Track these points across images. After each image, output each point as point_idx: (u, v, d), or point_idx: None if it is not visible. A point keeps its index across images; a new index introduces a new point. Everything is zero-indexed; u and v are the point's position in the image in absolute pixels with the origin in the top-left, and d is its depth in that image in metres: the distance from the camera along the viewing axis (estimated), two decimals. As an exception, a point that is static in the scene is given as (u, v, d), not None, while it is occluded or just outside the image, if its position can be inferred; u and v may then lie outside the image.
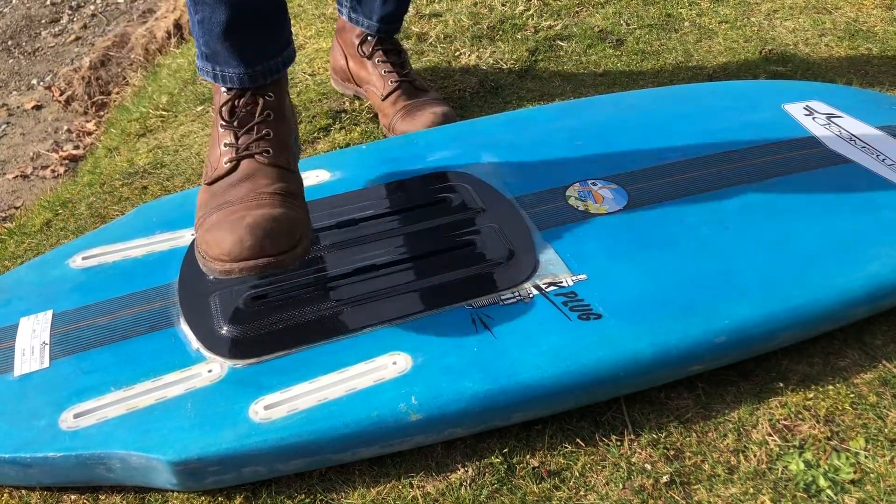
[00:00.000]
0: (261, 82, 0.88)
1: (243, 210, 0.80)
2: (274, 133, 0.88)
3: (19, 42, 2.08)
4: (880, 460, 0.80)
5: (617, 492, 0.79)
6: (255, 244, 0.77)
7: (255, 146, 0.86)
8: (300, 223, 0.83)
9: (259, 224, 0.78)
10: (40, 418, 0.79)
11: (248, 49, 0.86)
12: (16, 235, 1.20)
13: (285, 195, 0.84)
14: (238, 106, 0.88)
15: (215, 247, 0.79)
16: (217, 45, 0.86)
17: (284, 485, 0.80)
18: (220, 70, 0.88)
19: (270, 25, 0.89)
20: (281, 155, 0.87)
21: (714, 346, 0.85)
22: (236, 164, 0.86)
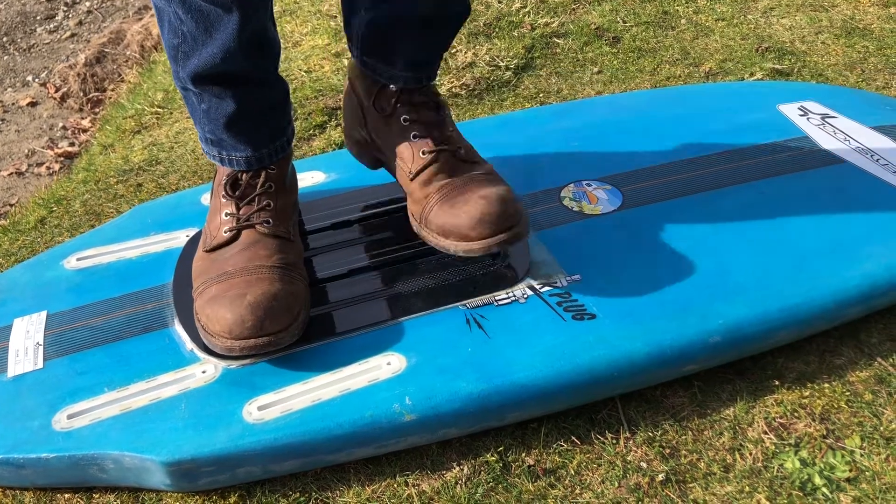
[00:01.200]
0: (266, 163, 0.88)
1: (243, 285, 0.80)
2: (275, 203, 0.88)
3: (14, 38, 2.07)
4: (876, 458, 0.80)
5: (612, 490, 0.79)
6: (255, 324, 0.78)
7: (255, 217, 0.86)
8: (298, 297, 0.83)
9: (260, 303, 0.78)
10: (34, 419, 0.79)
11: (253, 135, 0.86)
12: (10, 233, 1.20)
13: (284, 267, 0.84)
14: (241, 180, 0.88)
15: (216, 323, 0.79)
16: (222, 133, 0.85)
17: (279, 484, 0.80)
18: (226, 154, 0.87)
19: (275, 112, 0.88)
20: (281, 225, 0.87)
21: (708, 345, 0.85)
22: (237, 234, 0.86)
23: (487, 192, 0.84)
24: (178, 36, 0.80)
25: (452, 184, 0.87)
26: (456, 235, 0.84)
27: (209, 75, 0.81)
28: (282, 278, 0.82)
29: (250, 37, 0.79)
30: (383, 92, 0.92)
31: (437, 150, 0.89)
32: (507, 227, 0.83)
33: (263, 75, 0.85)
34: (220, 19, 0.77)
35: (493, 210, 0.83)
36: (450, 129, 0.92)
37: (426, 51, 0.90)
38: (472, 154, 0.92)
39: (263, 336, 0.78)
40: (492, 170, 0.92)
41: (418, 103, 0.91)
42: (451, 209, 0.85)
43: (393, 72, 0.90)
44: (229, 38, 0.78)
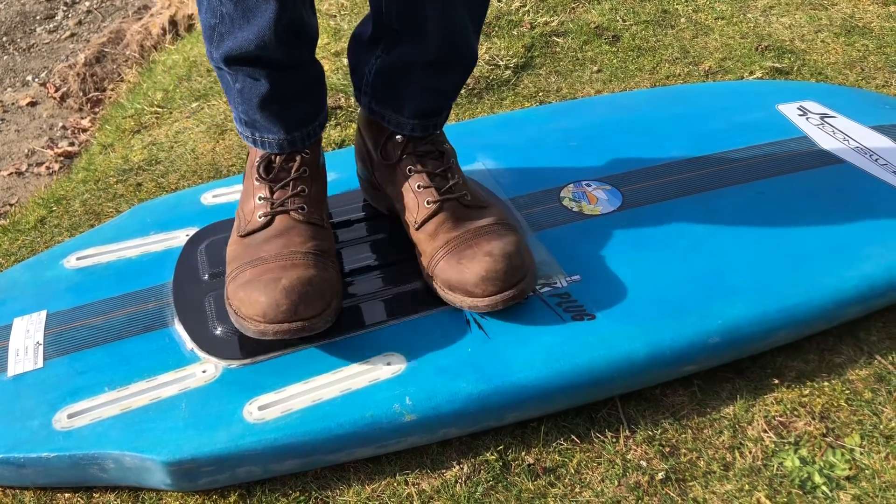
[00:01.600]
0: (299, 147, 0.88)
1: (278, 270, 0.81)
2: (309, 189, 0.88)
3: (14, 38, 2.07)
4: (875, 457, 0.81)
5: (612, 489, 0.79)
6: (290, 308, 0.78)
7: (290, 202, 0.87)
8: (332, 284, 0.83)
9: (294, 287, 0.79)
10: (34, 418, 0.79)
11: (287, 117, 0.86)
12: (10, 233, 1.20)
13: (318, 254, 0.84)
14: (275, 163, 0.88)
15: (249, 306, 0.79)
16: (256, 114, 0.85)
17: (279, 483, 0.80)
18: (259, 136, 0.87)
19: (309, 94, 0.88)
20: (315, 211, 0.88)
21: (708, 346, 0.85)
22: (271, 219, 0.86)
23: (492, 248, 0.85)
24: (215, 16, 0.79)
25: (459, 237, 0.87)
26: (461, 291, 0.85)
27: (242, 58, 0.81)
28: (316, 264, 0.82)
29: (286, 25, 0.78)
30: (390, 140, 0.93)
31: (441, 199, 0.89)
32: (512, 284, 0.84)
33: (298, 59, 0.84)
34: (258, 5, 0.77)
35: (498, 268, 0.83)
36: (455, 176, 0.92)
37: (433, 98, 0.91)
38: (479, 199, 0.92)
39: (297, 321, 0.78)
40: (501, 216, 0.91)
41: (423, 153, 0.92)
42: (457, 265, 0.85)
43: (400, 119, 0.91)
44: (265, 25, 0.77)
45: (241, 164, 1.30)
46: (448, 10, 0.83)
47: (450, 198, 0.90)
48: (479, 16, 0.88)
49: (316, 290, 0.80)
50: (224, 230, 0.99)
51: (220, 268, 0.94)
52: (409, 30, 0.86)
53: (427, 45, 0.86)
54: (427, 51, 0.86)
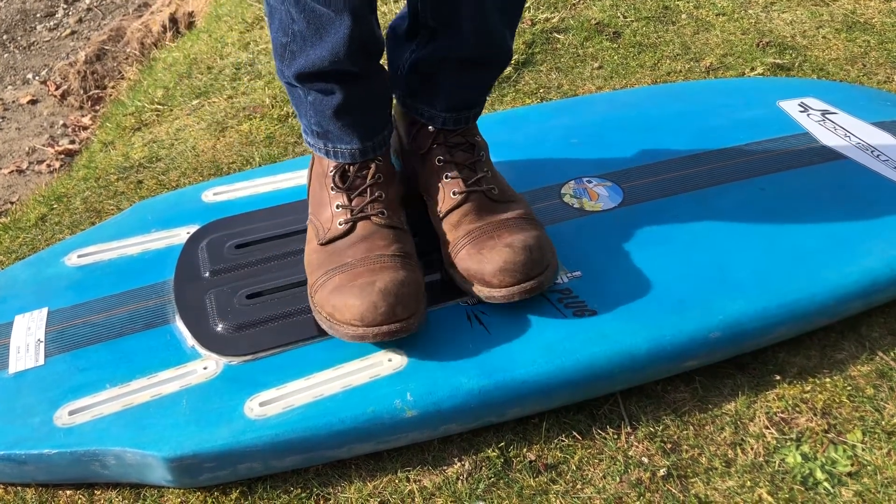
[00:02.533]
0: (371, 156, 0.88)
1: (368, 274, 0.81)
2: (386, 194, 0.88)
3: (14, 36, 2.07)
4: (877, 453, 0.80)
5: (614, 485, 0.79)
6: (388, 310, 0.78)
7: (369, 208, 0.87)
8: (420, 285, 0.83)
9: (390, 290, 0.79)
10: (35, 415, 0.79)
11: (361, 127, 0.86)
12: (10, 230, 1.20)
13: (404, 256, 0.84)
14: (350, 172, 0.88)
15: (346, 311, 0.79)
16: (329, 124, 0.86)
17: (280, 480, 0.80)
18: (332, 147, 0.88)
19: (380, 103, 0.89)
20: (395, 215, 0.88)
21: (709, 341, 0.85)
22: (353, 226, 0.86)
23: (513, 240, 0.85)
24: (287, 35, 0.80)
25: (481, 228, 0.88)
26: (480, 281, 0.85)
27: (315, 74, 0.81)
28: (404, 266, 0.83)
29: (358, 40, 0.79)
30: (422, 131, 0.94)
31: (467, 191, 0.90)
32: (531, 277, 0.84)
33: (368, 71, 0.85)
34: (331, 22, 0.77)
35: (517, 259, 0.83)
36: (484, 169, 0.92)
37: (466, 93, 0.91)
38: (506, 194, 0.92)
39: (396, 322, 0.78)
40: (526, 211, 0.91)
41: (453, 144, 0.92)
42: (477, 254, 0.86)
43: (433, 112, 0.92)
44: (339, 41, 0.78)
45: (242, 161, 1.30)
46: (483, 10, 0.83)
47: (476, 190, 0.90)
48: (513, 15, 0.88)
49: (410, 290, 0.80)
50: (225, 227, 0.99)
51: (221, 265, 0.94)
52: (444, 27, 0.86)
53: (462, 43, 0.86)
54: (462, 48, 0.87)
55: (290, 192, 1.07)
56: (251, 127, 1.38)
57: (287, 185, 1.09)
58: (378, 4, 0.83)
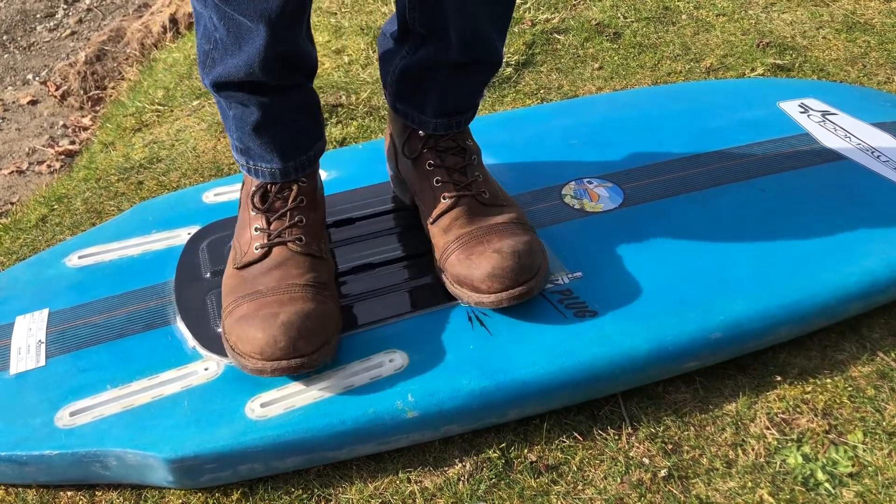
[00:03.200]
0: (293, 176, 0.86)
1: (276, 305, 0.79)
2: (306, 219, 0.86)
3: (14, 37, 2.07)
4: (878, 453, 0.80)
5: (615, 486, 0.79)
6: (288, 344, 0.76)
7: (287, 233, 0.85)
8: (332, 317, 0.81)
9: (293, 323, 0.77)
10: (36, 416, 0.79)
11: (281, 145, 0.84)
12: (11, 231, 1.20)
13: (317, 286, 0.82)
14: (270, 192, 0.86)
15: (247, 343, 0.77)
16: (249, 141, 0.84)
17: (282, 481, 0.80)
18: (253, 164, 0.86)
19: (304, 122, 0.87)
20: (313, 242, 0.86)
21: (709, 342, 0.85)
22: (268, 251, 0.84)
23: (502, 246, 0.84)
24: (210, 42, 0.79)
25: (471, 233, 0.87)
26: (468, 287, 0.85)
27: (231, 83, 0.80)
28: (315, 297, 0.81)
29: (276, 55, 0.77)
30: (413, 135, 0.93)
31: (457, 195, 0.89)
32: (520, 283, 0.83)
33: (289, 86, 0.83)
34: (249, 32, 0.76)
35: (505, 265, 0.82)
36: (475, 173, 0.91)
37: (457, 98, 0.90)
38: (498, 198, 0.91)
39: (296, 357, 0.76)
40: (518, 215, 0.90)
41: (444, 148, 0.91)
42: (466, 259, 0.85)
43: (423, 118, 0.91)
44: (255, 52, 0.76)
45: (243, 162, 1.30)
46: (470, 15, 0.82)
47: (467, 194, 0.89)
48: (502, 18, 0.87)
49: (315, 324, 0.78)
50: (226, 228, 0.99)
51: (222, 266, 0.94)
52: (432, 33, 0.85)
53: (450, 49, 0.85)
54: (450, 54, 0.86)
55: (290, 192, 1.07)
56: (251, 128, 1.38)
57: (288, 185, 1.09)
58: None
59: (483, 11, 0.83)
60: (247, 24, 0.75)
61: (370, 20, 1.67)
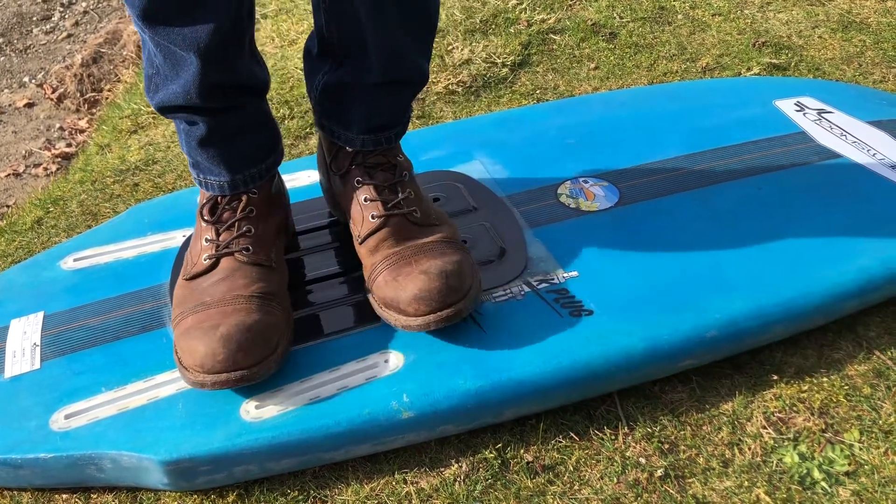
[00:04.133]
0: (241, 189, 0.85)
1: (218, 316, 0.78)
2: (255, 229, 0.85)
3: (10, 40, 2.07)
4: (875, 452, 0.80)
5: (611, 486, 0.79)
6: (227, 357, 0.75)
7: (235, 244, 0.84)
8: (277, 328, 0.79)
9: (232, 336, 0.75)
10: (31, 419, 0.79)
11: (228, 160, 0.83)
12: (6, 234, 1.20)
13: (263, 297, 0.81)
14: (220, 204, 0.85)
15: (189, 356, 0.76)
16: (197, 155, 0.83)
17: (277, 482, 0.80)
18: (203, 177, 0.85)
19: (253, 137, 0.86)
20: (262, 252, 0.84)
21: (705, 340, 0.85)
22: (216, 262, 0.83)
23: (430, 266, 0.81)
24: (153, 67, 0.78)
25: (399, 254, 0.84)
26: (395, 309, 0.81)
27: (174, 108, 0.80)
28: (260, 308, 0.79)
29: (213, 83, 0.77)
30: (341, 151, 0.90)
31: (386, 214, 0.86)
32: (447, 305, 0.80)
33: (232, 106, 0.82)
34: (184, 61, 0.75)
35: (432, 286, 0.79)
36: (406, 191, 0.87)
37: (382, 116, 0.87)
38: (430, 216, 0.88)
39: (237, 370, 0.75)
40: (450, 234, 0.87)
41: (373, 164, 0.88)
42: (393, 281, 0.82)
43: (349, 135, 0.88)
44: (190, 81, 0.76)
45: (239, 163, 1.29)
46: (388, 34, 0.80)
47: (396, 213, 0.86)
48: (423, 35, 0.84)
49: (257, 336, 0.77)
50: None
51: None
52: (351, 52, 0.84)
53: (370, 68, 0.83)
54: (371, 73, 0.83)
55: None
56: (247, 129, 1.38)
57: (283, 187, 1.09)
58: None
59: (401, 30, 0.81)
60: (181, 54, 0.75)
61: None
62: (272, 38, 1.68)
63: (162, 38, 0.74)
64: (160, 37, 0.74)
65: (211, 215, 0.85)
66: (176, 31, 0.73)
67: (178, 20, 0.73)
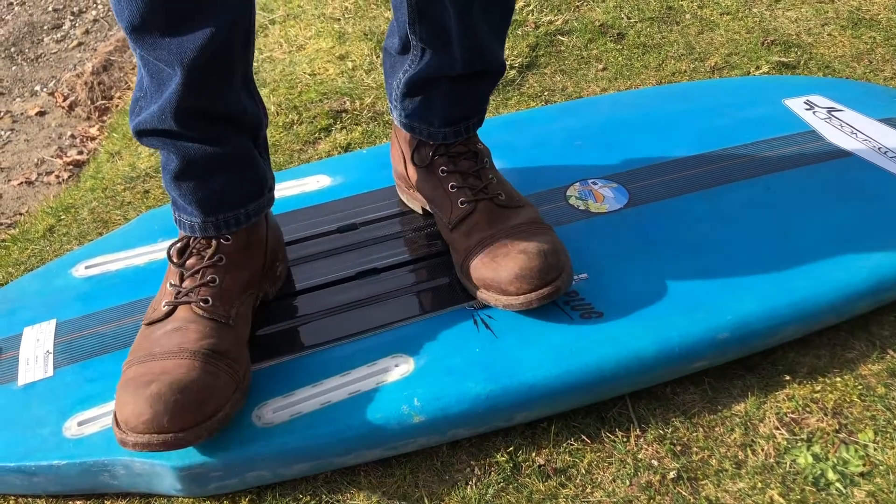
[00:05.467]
0: (212, 234, 0.81)
1: (157, 372, 0.73)
2: (220, 280, 0.81)
3: (22, 49, 2.09)
4: (889, 452, 0.80)
5: (624, 488, 0.78)
6: (152, 419, 0.69)
7: (195, 293, 0.79)
8: (217, 393, 0.74)
9: (161, 395, 0.70)
10: (44, 426, 0.79)
11: (200, 200, 0.80)
12: (19, 242, 1.20)
13: (211, 355, 0.75)
14: (190, 246, 0.82)
15: (119, 410, 0.72)
16: (172, 190, 0.81)
17: (289, 487, 0.80)
18: (178, 215, 0.82)
19: (231, 178, 0.81)
20: (221, 307, 0.80)
21: (717, 341, 0.84)
22: (172, 310, 0.79)
23: (527, 246, 0.83)
24: (141, 90, 0.77)
25: (493, 236, 0.86)
26: (496, 289, 0.84)
27: (148, 131, 0.77)
28: (204, 368, 0.74)
29: (192, 106, 0.75)
30: (423, 144, 0.93)
31: (475, 199, 0.89)
32: (548, 282, 0.82)
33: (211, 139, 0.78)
34: (168, 79, 0.73)
35: (532, 265, 0.82)
36: (489, 176, 0.91)
37: (462, 107, 0.90)
38: (513, 199, 0.91)
39: (160, 434, 0.70)
40: (536, 215, 0.90)
41: (455, 154, 0.91)
42: (491, 262, 0.84)
43: (431, 129, 0.91)
44: (169, 97, 0.74)
45: (248, 169, 1.30)
46: (470, 27, 0.82)
47: (484, 197, 0.89)
48: (503, 26, 0.87)
49: (190, 399, 0.71)
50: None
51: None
52: (434, 46, 0.85)
53: (453, 60, 0.85)
54: (454, 65, 0.85)
55: (295, 199, 1.08)
56: (257, 135, 1.38)
57: (292, 192, 1.10)
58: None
59: (483, 21, 0.82)
60: (167, 71, 0.73)
61: (374, 25, 1.67)
62: (280, 43, 1.68)
63: (149, 52, 0.73)
64: (147, 50, 0.73)
65: (179, 257, 0.82)
66: (164, 43, 0.72)
67: (166, 32, 0.71)
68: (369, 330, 0.86)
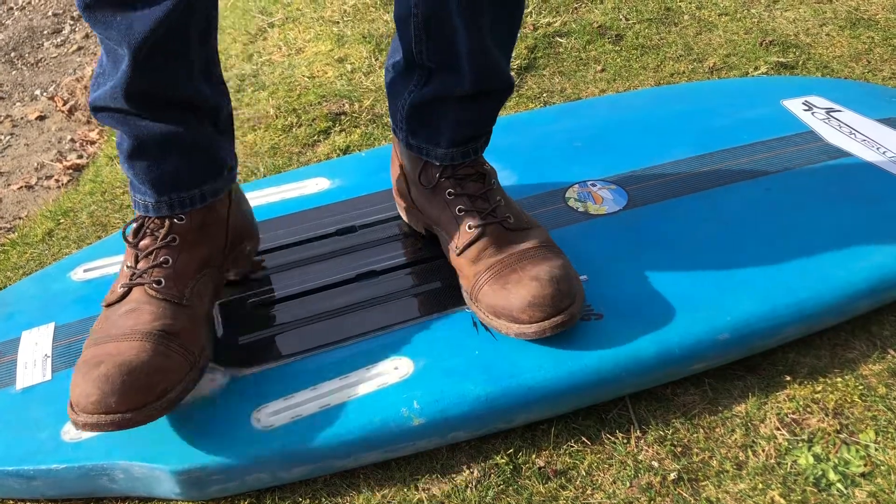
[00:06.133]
0: (165, 213, 0.80)
1: (109, 352, 0.73)
2: (174, 260, 0.80)
3: (22, 53, 2.09)
4: (891, 452, 0.80)
5: (624, 490, 0.78)
6: (99, 399, 0.69)
7: (148, 274, 0.79)
8: (168, 374, 0.73)
9: (109, 376, 0.70)
10: (43, 430, 0.79)
11: (153, 179, 0.79)
12: (18, 246, 1.20)
13: (163, 335, 0.75)
14: (144, 226, 0.81)
15: (72, 391, 0.72)
16: (127, 170, 0.80)
17: (289, 490, 0.80)
18: (133, 195, 0.82)
19: (184, 159, 0.80)
20: (175, 287, 0.79)
21: (717, 343, 0.84)
22: (127, 291, 0.79)
23: (539, 272, 0.81)
24: (101, 67, 0.77)
25: (503, 262, 0.83)
26: (507, 317, 0.81)
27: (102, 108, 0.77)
28: (155, 349, 0.74)
29: (142, 88, 0.74)
30: (429, 165, 0.90)
31: (483, 224, 0.86)
32: (561, 310, 0.79)
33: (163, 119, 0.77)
34: (121, 59, 0.73)
35: (545, 293, 0.79)
36: (497, 198, 0.88)
37: (470, 127, 0.87)
38: (522, 221, 0.88)
39: (108, 414, 0.70)
40: (545, 237, 0.87)
41: (462, 176, 0.89)
42: (501, 290, 0.81)
43: (438, 150, 0.88)
44: (118, 78, 0.73)
45: (247, 172, 1.30)
46: (481, 43, 0.80)
47: (492, 221, 0.86)
48: (510, 42, 0.85)
49: (138, 380, 0.71)
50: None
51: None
52: (442, 65, 0.83)
53: (461, 79, 0.83)
54: (462, 85, 0.83)
55: (295, 202, 1.08)
56: (255, 138, 1.39)
57: (292, 195, 1.09)
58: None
59: (491, 38, 0.81)
60: (119, 52, 0.73)
61: (372, 28, 1.67)
62: (279, 46, 1.69)
63: (101, 30, 0.72)
64: (100, 29, 0.72)
65: (134, 238, 0.81)
66: (115, 23, 0.70)
67: (118, 10, 0.71)
68: (368, 332, 0.86)
